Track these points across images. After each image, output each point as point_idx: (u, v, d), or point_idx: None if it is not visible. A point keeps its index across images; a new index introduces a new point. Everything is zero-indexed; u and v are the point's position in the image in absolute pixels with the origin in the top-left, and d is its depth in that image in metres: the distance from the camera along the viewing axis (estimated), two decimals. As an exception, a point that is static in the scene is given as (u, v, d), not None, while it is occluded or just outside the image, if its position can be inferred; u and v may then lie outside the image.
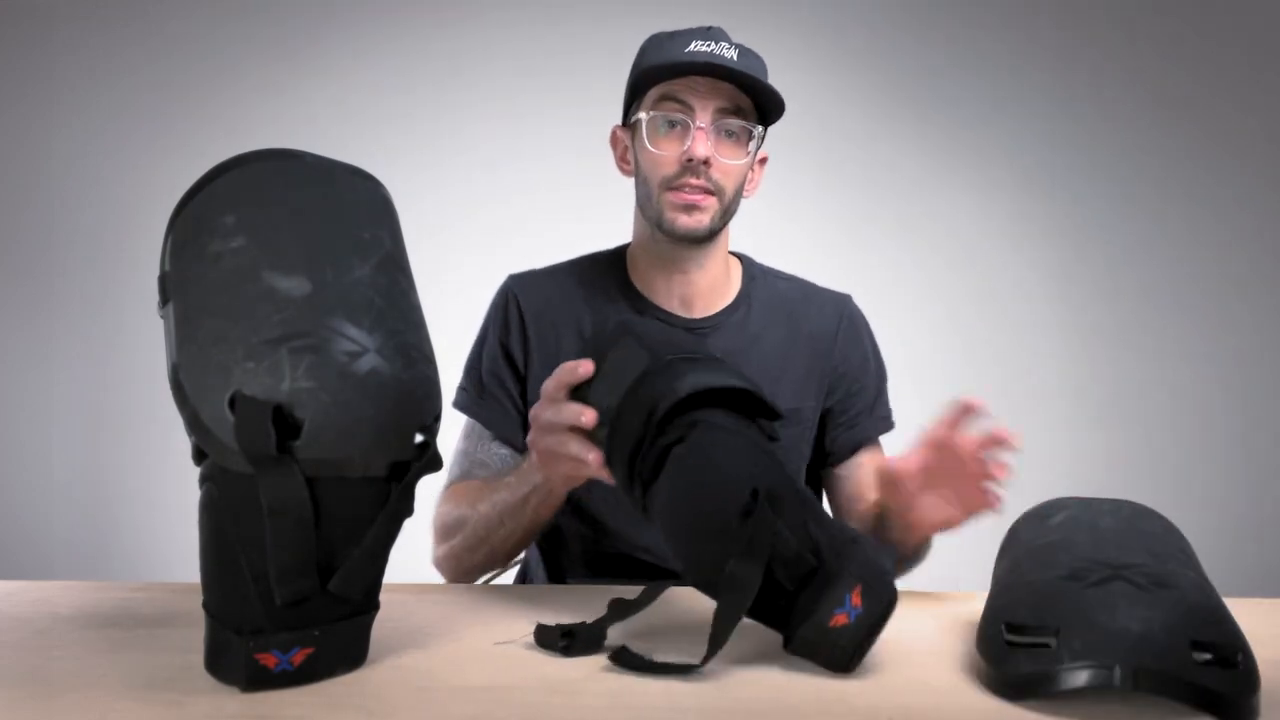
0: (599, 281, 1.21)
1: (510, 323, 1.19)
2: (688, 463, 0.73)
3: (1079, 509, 0.77)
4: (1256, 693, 0.60)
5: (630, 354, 0.78)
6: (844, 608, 0.66)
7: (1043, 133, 2.70)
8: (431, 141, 2.62)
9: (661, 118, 1.09)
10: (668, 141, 1.09)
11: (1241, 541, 2.52)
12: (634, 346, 0.79)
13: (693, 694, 0.64)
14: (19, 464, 2.60)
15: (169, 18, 2.61)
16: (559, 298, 1.20)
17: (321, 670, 0.64)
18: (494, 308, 1.22)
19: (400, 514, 0.65)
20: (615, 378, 0.78)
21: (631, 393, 0.76)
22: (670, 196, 1.09)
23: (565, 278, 1.22)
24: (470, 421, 1.19)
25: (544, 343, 1.17)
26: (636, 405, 0.75)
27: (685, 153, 1.07)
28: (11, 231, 2.61)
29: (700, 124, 1.07)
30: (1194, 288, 2.72)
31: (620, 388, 0.77)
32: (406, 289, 0.68)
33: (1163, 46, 2.70)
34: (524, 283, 1.23)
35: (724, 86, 1.07)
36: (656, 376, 0.76)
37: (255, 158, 0.65)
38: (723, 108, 1.08)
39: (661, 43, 1.11)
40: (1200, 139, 2.71)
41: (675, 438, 0.74)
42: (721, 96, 1.08)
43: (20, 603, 0.85)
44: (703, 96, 1.07)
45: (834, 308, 1.24)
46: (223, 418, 0.59)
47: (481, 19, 2.64)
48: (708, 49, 1.07)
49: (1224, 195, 2.71)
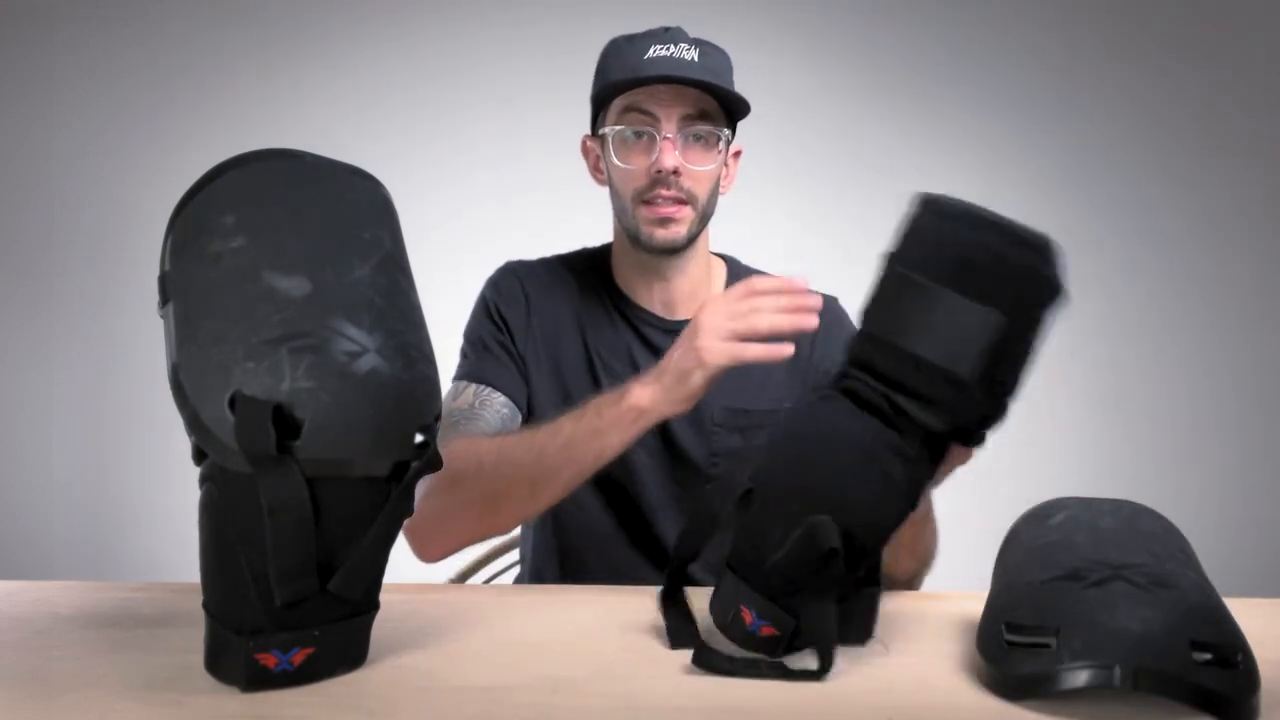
0: (588, 277, 1.23)
1: (514, 299, 1.20)
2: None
3: (1079, 509, 0.77)
4: (1256, 693, 0.60)
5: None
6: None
7: (1036, 130, 2.70)
8: (431, 141, 2.62)
9: (626, 130, 1.09)
10: (635, 154, 1.09)
11: (1241, 541, 2.52)
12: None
13: (693, 694, 0.64)
14: (19, 464, 2.60)
15: (169, 18, 2.60)
16: (558, 287, 1.22)
17: (321, 670, 0.64)
18: (495, 286, 1.23)
19: (400, 514, 0.65)
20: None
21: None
22: (644, 211, 1.10)
23: (561, 269, 1.25)
24: (460, 386, 1.16)
25: (545, 325, 1.20)
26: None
27: (653, 164, 1.07)
28: (11, 231, 2.60)
29: (666, 134, 1.07)
30: (1194, 287, 2.72)
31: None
32: (406, 289, 0.68)
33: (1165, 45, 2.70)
34: (526, 268, 1.25)
35: (688, 92, 1.07)
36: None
37: (255, 158, 0.65)
38: (688, 114, 1.08)
39: (620, 49, 1.10)
40: (1201, 138, 2.70)
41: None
42: (686, 103, 1.07)
43: (20, 603, 0.85)
44: (666, 105, 1.07)
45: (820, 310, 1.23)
46: (223, 418, 0.58)
47: (482, 18, 2.64)
48: (667, 53, 1.06)
49: (1224, 195, 2.71)
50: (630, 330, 1.21)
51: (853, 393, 0.71)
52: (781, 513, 0.68)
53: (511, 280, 1.23)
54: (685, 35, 1.10)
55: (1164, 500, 0.88)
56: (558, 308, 1.21)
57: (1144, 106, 2.71)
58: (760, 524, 0.69)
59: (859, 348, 0.72)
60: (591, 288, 1.23)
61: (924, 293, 0.68)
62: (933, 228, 0.71)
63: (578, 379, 1.19)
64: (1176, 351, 2.69)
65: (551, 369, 1.19)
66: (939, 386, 0.67)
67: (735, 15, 2.39)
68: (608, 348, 1.20)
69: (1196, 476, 2.63)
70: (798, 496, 0.68)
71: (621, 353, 1.20)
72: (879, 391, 0.69)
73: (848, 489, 0.68)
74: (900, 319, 0.69)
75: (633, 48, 1.09)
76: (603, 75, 1.13)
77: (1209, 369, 2.69)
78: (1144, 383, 2.69)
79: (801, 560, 0.66)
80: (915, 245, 0.71)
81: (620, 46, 1.11)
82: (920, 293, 0.68)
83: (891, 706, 0.62)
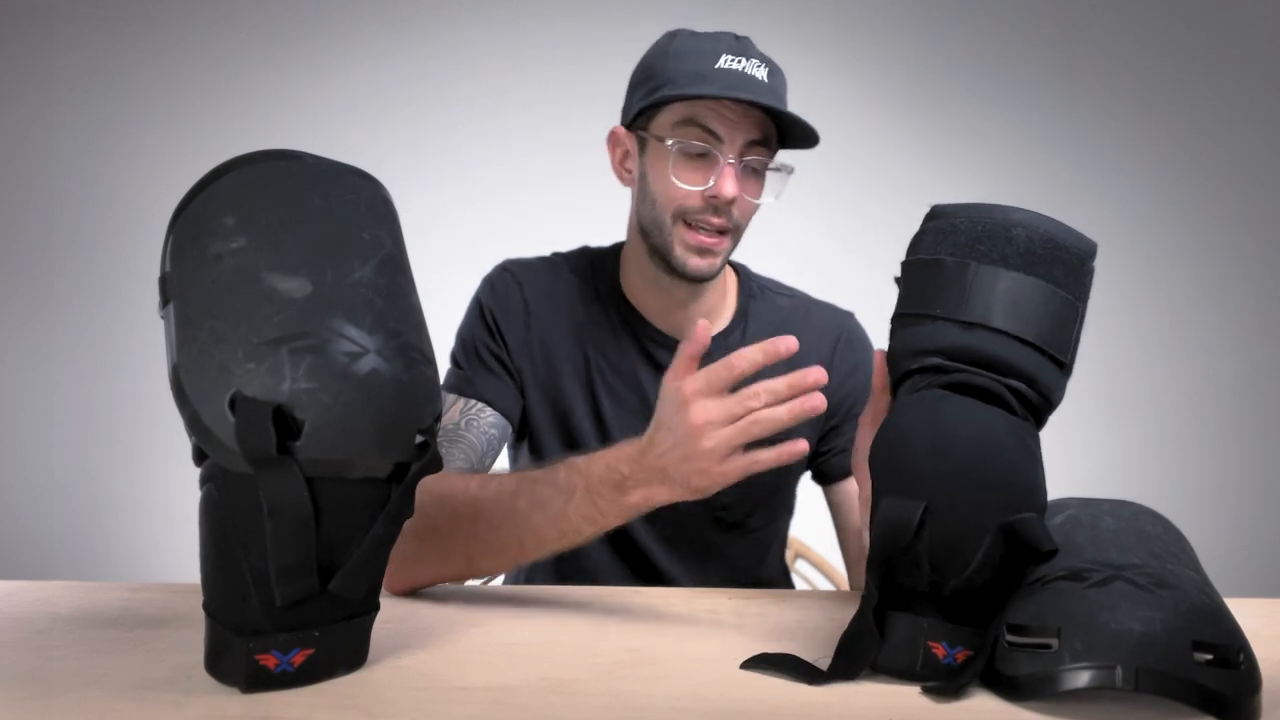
0: (592, 284, 1.16)
1: (511, 309, 1.13)
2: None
3: (1080, 509, 0.77)
4: (1258, 693, 0.60)
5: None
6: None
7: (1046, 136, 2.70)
8: (432, 142, 2.62)
9: (687, 146, 1.00)
10: (689, 171, 1.01)
11: (1241, 541, 2.52)
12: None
13: (694, 694, 0.64)
14: (19, 464, 2.60)
15: (169, 17, 2.61)
16: (560, 293, 1.15)
17: (321, 671, 0.64)
18: (491, 290, 1.15)
19: (400, 515, 0.65)
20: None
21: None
22: (686, 234, 1.02)
23: (564, 272, 1.17)
24: (448, 399, 1.08)
25: (546, 336, 1.13)
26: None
27: (711, 190, 0.99)
28: (11, 231, 2.61)
29: (730, 158, 0.99)
30: (1194, 288, 2.72)
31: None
32: (407, 290, 0.68)
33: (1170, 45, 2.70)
34: (526, 271, 1.16)
35: (753, 113, 0.99)
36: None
37: (256, 158, 0.65)
38: (752, 140, 1.00)
39: (686, 48, 1.01)
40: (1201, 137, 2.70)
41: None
42: (751, 125, 1.00)
43: (20, 603, 0.85)
44: (732, 125, 0.99)
45: (832, 329, 1.19)
46: (223, 418, 0.58)
47: (482, 18, 2.64)
48: (739, 66, 0.98)
49: (1224, 195, 2.71)
50: (636, 348, 1.13)
51: (969, 386, 0.68)
52: (967, 527, 0.62)
53: (509, 286, 1.15)
54: (755, 48, 1.01)
55: (1164, 501, 0.88)
56: (558, 317, 1.13)
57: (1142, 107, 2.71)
58: (943, 545, 0.63)
59: (951, 337, 0.68)
60: (596, 297, 1.15)
61: (997, 277, 0.68)
62: (971, 221, 0.71)
63: (574, 396, 1.12)
64: (1177, 352, 2.70)
65: (548, 384, 1.13)
66: (1045, 368, 0.68)
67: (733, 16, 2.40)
68: (611, 365, 1.13)
69: (1197, 477, 2.63)
70: (978, 505, 0.63)
71: (626, 372, 1.13)
72: (998, 380, 0.67)
73: (1023, 485, 0.65)
74: (984, 304, 0.68)
75: (701, 50, 0.99)
76: (662, 72, 1.01)
77: (1209, 370, 2.70)
78: (1144, 383, 2.69)
79: (994, 567, 0.62)
80: (958, 236, 0.71)
81: (686, 44, 1.01)
82: (993, 277, 0.68)
83: (891, 706, 0.62)
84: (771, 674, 0.67)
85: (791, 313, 1.19)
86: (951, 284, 0.69)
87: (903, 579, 0.64)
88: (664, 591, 0.95)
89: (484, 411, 1.08)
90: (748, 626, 0.81)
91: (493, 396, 1.09)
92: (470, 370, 1.10)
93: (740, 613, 0.86)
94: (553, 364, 1.13)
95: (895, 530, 0.63)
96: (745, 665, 0.68)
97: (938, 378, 0.69)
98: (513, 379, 1.11)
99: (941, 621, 0.64)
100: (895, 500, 0.64)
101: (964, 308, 0.68)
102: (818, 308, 1.22)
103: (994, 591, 0.64)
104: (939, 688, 0.63)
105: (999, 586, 0.64)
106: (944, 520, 0.63)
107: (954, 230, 0.71)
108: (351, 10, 2.63)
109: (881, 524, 0.64)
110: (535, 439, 1.14)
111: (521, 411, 1.13)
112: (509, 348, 1.12)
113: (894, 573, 0.64)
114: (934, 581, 0.63)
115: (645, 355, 1.13)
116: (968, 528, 0.62)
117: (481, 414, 1.07)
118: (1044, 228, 0.70)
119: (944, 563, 0.63)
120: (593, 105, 2.64)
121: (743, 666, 0.68)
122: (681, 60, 1.00)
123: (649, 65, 1.04)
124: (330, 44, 2.64)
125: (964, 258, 0.69)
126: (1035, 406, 0.69)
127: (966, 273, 0.68)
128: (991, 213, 0.71)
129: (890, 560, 0.64)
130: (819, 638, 0.76)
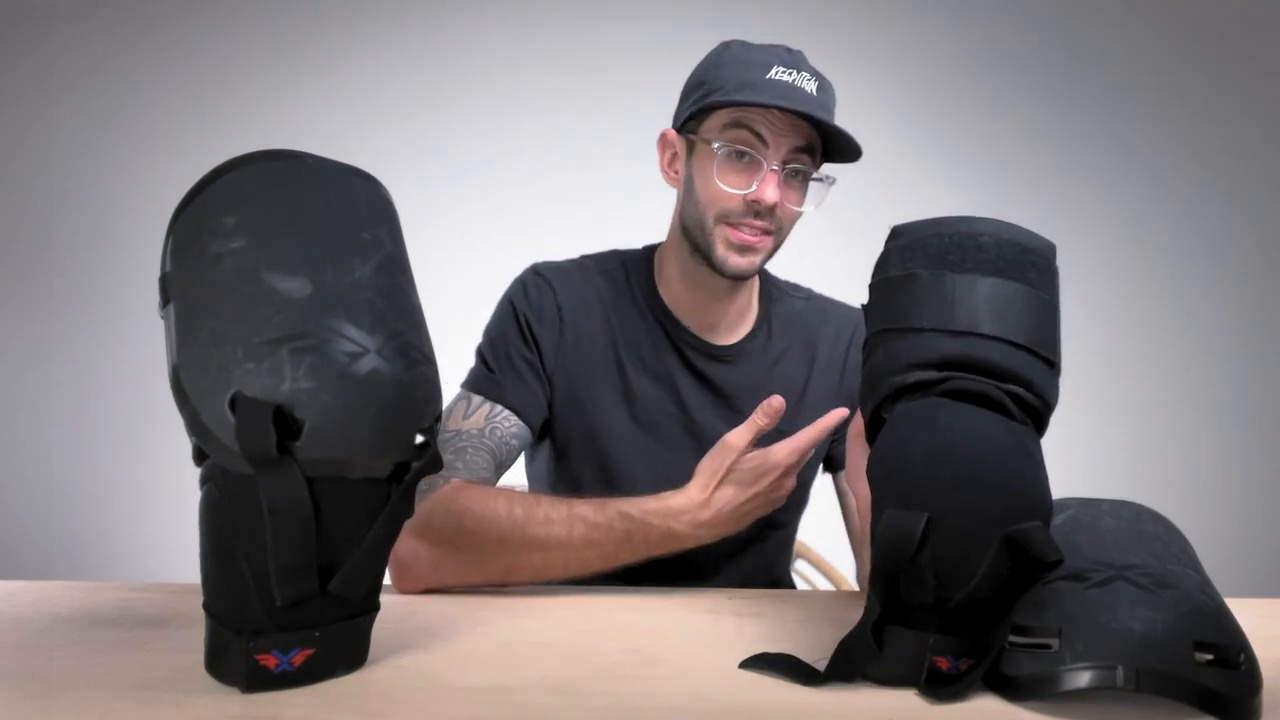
0: (625, 288, 1.17)
1: (547, 314, 1.14)
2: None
3: (1080, 510, 0.77)
4: (1258, 693, 0.60)
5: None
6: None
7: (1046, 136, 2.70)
8: (432, 141, 2.62)
9: (732, 149, 1.03)
10: (733, 174, 1.04)
11: (1242, 541, 2.52)
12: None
13: (694, 694, 0.64)
14: (19, 464, 2.60)
15: (169, 17, 2.61)
16: (592, 297, 1.16)
17: (322, 671, 0.64)
18: (524, 293, 1.15)
19: (401, 515, 0.65)
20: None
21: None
22: (728, 232, 1.06)
23: (595, 276, 1.18)
24: (475, 401, 1.08)
25: (579, 340, 1.14)
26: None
27: (753, 194, 1.03)
28: (11, 231, 2.61)
29: (774, 164, 1.02)
30: (1194, 288, 2.72)
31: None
32: (407, 289, 0.68)
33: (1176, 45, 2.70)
34: (559, 275, 1.17)
35: (800, 123, 1.03)
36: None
37: (256, 158, 0.65)
38: (797, 147, 1.03)
39: (739, 58, 1.04)
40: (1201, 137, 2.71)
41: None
42: (797, 134, 1.03)
43: (20, 603, 0.85)
44: (778, 133, 1.02)
45: (848, 326, 1.23)
46: (223, 418, 0.58)
47: (482, 17, 2.64)
48: (789, 78, 1.01)
49: (1224, 195, 2.71)
50: (672, 351, 1.16)
51: (967, 392, 0.67)
52: (972, 537, 0.61)
53: (543, 290, 1.15)
54: (807, 63, 1.05)
55: (1165, 501, 0.88)
56: (591, 320, 1.14)
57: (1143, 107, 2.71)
58: (947, 556, 0.62)
59: (943, 347, 0.67)
60: (630, 300, 1.17)
61: (975, 284, 0.68)
62: (938, 235, 0.71)
63: (608, 399, 1.13)
64: (1177, 353, 2.70)
65: (581, 388, 1.13)
66: (1039, 370, 0.68)
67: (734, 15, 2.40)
68: (645, 368, 1.15)
69: (1197, 477, 2.63)
70: (982, 514, 0.62)
71: (662, 374, 1.15)
72: (996, 386, 0.67)
73: (1027, 492, 0.63)
74: (970, 311, 0.67)
75: (753, 61, 1.03)
76: (714, 79, 1.05)
77: (1209, 370, 2.70)
78: (1145, 384, 2.69)
79: (999, 578, 0.61)
80: (928, 249, 0.71)
81: (739, 55, 1.05)
82: (972, 284, 0.68)
83: (891, 706, 0.62)
84: (770, 674, 0.67)
85: (808, 314, 1.24)
86: (933, 295, 0.68)
87: (907, 593, 0.63)
88: (664, 591, 0.95)
89: (509, 419, 1.08)
90: (747, 626, 0.81)
91: (519, 404, 1.09)
92: (500, 374, 1.11)
93: (740, 613, 0.86)
94: (586, 368, 1.14)
95: (898, 543, 0.62)
96: (744, 665, 0.69)
97: (933, 386, 0.68)
98: (541, 384, 1.12)
99: (946, 635, 0.63)
100: (897, 512, 0.63)
101: (951, 316, 0.67)
102: (832, 307, 1.26)
103: (999, 602, 0.64)
104: (939, 690, 0.63)
105: (1004, 597, 0.64)
106: (948, 531, 0.61)
107: (922, 245, 0.70)
108: (351, 10, 2.63)
109: (884, 537, 0.63)
110: (561, 441, 1.15)
111: (546, 416, 1.14)
112: (542, 353, 1.13)
113: (898, 586, 0.63)
114: (939, 594, 0.62)
115: (681, 358, 1.16)
116: (972, 538, 0.61)
117: (506, 421, 1.08)
118: (1009, 233, 0.70)
119: (948, 575, 0.61)
120: (593, 106, 2.66)
121: (741, 666, 0.69)
122: (734, 69, 1.03)
123: (702, 72, 1.08)
124: (330, 44, 2.64)
125: (938, 269, 0.69)
126: (1033, 410, 0.68)
127: (945, 283, 0.68)
128: (956, 224, 0.71)
129: (894, 574, 0.63)
130: (819, 638, 0.76)
